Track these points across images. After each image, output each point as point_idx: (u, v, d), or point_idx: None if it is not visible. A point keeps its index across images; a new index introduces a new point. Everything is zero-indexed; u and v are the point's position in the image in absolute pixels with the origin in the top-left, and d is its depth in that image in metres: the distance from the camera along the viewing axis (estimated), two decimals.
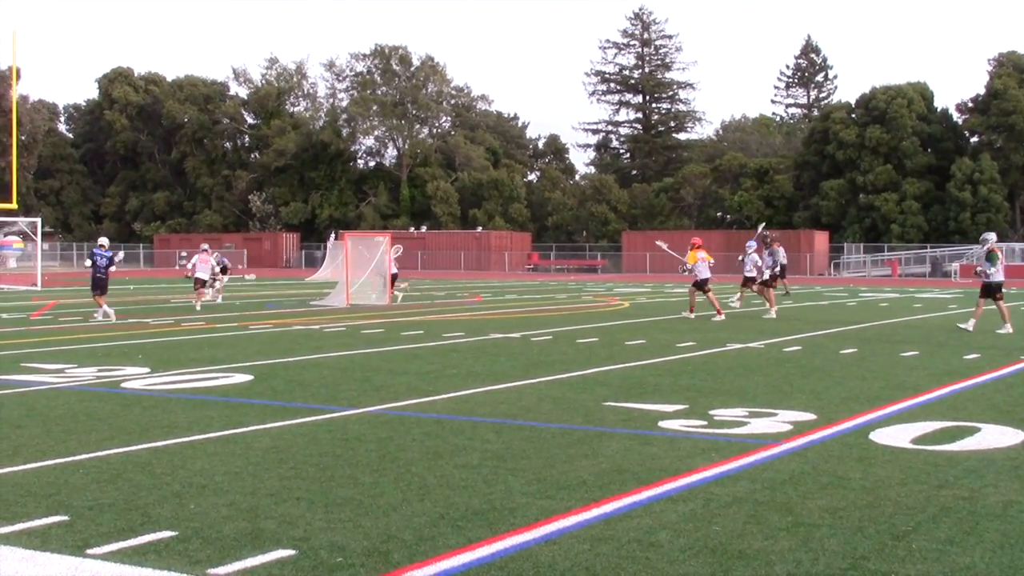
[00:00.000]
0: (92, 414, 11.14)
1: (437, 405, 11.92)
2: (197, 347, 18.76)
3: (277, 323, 24.38)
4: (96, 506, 7.22)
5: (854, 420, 10.91)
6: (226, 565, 5.93)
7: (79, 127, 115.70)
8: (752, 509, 7.23)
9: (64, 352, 17.80)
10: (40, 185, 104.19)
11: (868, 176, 77.33)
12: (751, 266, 29.66)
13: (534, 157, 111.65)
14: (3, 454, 9.00)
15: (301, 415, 11.12)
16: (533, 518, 6.96)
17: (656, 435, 10.01)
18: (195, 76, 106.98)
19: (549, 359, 16.74)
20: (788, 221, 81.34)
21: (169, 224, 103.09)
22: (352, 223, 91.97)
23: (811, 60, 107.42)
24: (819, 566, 6.00)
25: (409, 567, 5.93)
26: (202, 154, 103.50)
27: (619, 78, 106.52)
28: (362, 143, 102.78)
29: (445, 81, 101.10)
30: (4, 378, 14.17)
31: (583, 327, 23.46)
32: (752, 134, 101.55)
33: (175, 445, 9.42)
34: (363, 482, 8.00)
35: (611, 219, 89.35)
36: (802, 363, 16.33)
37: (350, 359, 16.73)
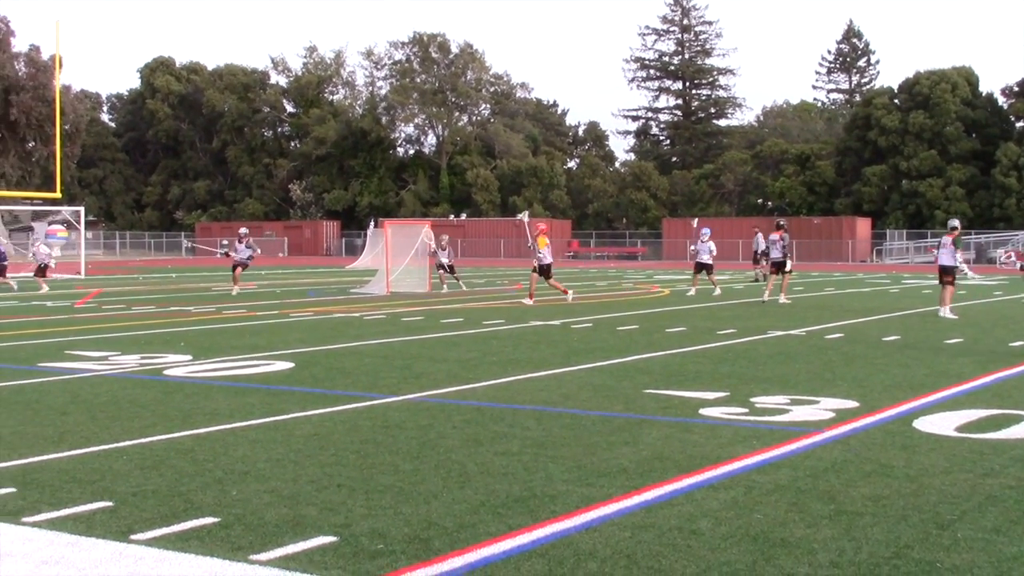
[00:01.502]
0: (135, 401, 11.23)
1: (477, 392, 11.92)
2: (238, 334, 18.87)
3: (318, 311, 24.47)
4: (139, 492, 7.28)
5: (897, 408, 10.81)
6: (268, 551, 5.95)
7: (121, 116, 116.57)
8: (794, 497, 7.19)
9: (108, 340, 17.95)
10: (83, 174, 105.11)
11: (911, 162, 76.63)
12: (706, 254, 31.00)
13: (574, 144, 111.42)
14: (49, 440, 9.08)
15: (342, 402, 11.16)
16: (574, 505, 6.95)
17: (697, 422, 9.97)
18: (235, 65, 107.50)
19: (589, 346, 16.71)
20: (830, 207, 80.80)
21: (210, 212, 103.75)
22: (392, 211, 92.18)
23: (853, 45, 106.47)
24: (862, 555, 5.95)
25: (450, 554, 5.93)
26: (243, 143, 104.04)
27: (659, 64, 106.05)
28: (402, 131, 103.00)
29: (484, 68, 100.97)
30: (49, 365, 14.31)
31: (623, 314, 23.40)
32: (793, 120, 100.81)
33: (217, 432, 9.48)
34: (404, 469, 8.01)
35: (651, 206, 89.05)
36: (844, 350, 16.21)
37: (390, 346, 16.77)
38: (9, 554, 5.93)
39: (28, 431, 9.51)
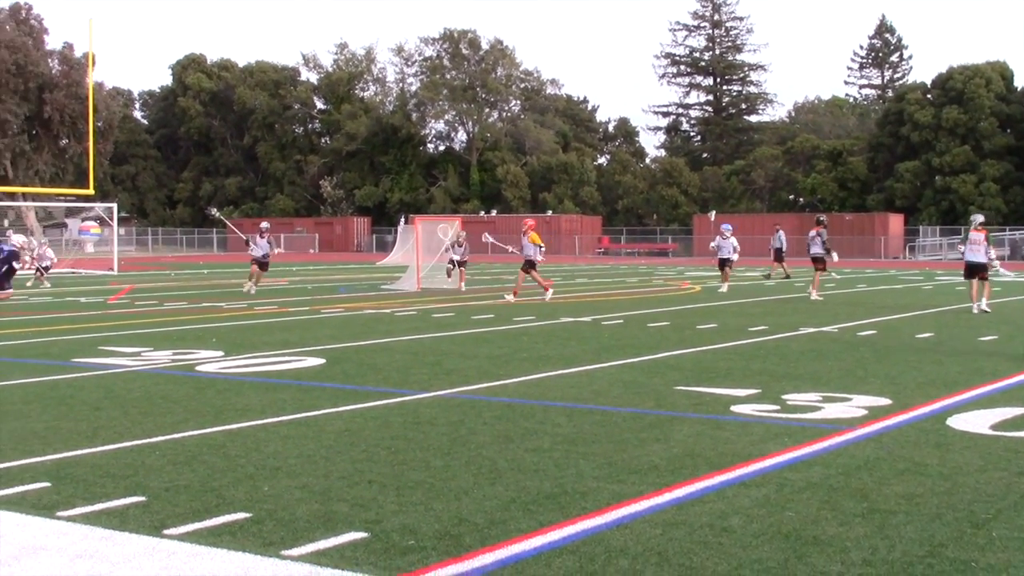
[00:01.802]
0: (168, 396, 11.29)
1: (508, 389, 11.92)
2: (270, 331, 18.95)
3: (348, 307, 24.54)
4: (172, 487, 7.31)
5: (931, 405, 10.74)
6: (299, 547, 5.97)
7: (153, 113, 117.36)
8: (826, 495, 7.15)
9: (140, 336, 18.07)
10: (116, 171, 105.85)
11: (944, 158, 76.11)
12: (729, 250, 30.99)
13: (604, 140, 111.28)
14: (82, 435, 9.15)
15: (373, 398, 11.18)
16: (604, 502, 6.94)
17: (728, 419, 9.93)
18: (266, 62, 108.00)
19: (620, 343, 16.68)
20: (862, 204, 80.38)
21: (242, 209, 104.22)
22: (423, 207, 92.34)
23: (885, 40, 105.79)
24: (895, 553, 5.90)
25: (480, 550, 5.93)
26: (273, 139, 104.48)
27: (689, 60, 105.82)
28: (432, 127, 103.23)
29: (514, 65, 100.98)
30: (83, 361, 14.41)
31: (654, 311, 23.35)
32: (825, 116, 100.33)
33: (249, 428, 9.52)
34: (434, 465, 8.02)
35: (682, 202, 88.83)
36: (877, 347, 16.11)
37: (421, 343, 16.79)
38: (44, 548, 5.97)
39: (62, 426, 9.58)
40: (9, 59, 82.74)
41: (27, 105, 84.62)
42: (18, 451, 8.50)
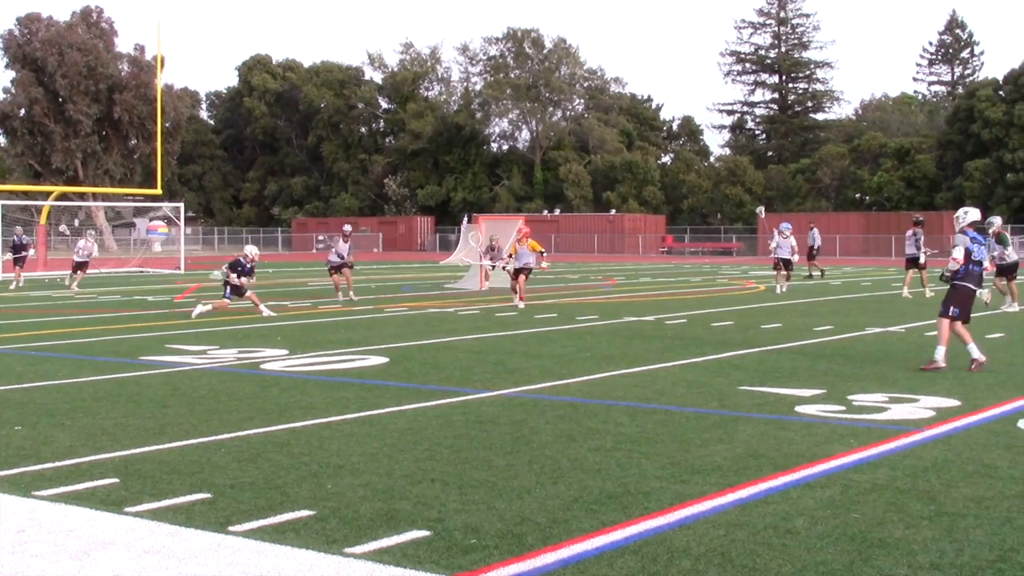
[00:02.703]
0: (233, 394, 11.41)
1: (571, 388, 11.91)
2: (334, 329, 19.08)
3: (412, 306, 24.64)
4: (237, 484, 7.39)
5: (1001, 407, 10.57)
6: (362, 545, 6.00)
7: (220, 114, 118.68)
8: (893, 497, 7.06)
9: (206, 334, 18.27)
10: (183, 171, 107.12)
11: (1017, 154, 74.82)
12: (788, 249, 29.98)
13: (668, 139, 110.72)
14: (149, 432, 9.27)
15: (436, 397, 11.22)
16: (667, 502, 6.91)
17: (792, 420, 9.84)
18: (331, 62, 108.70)
19: (683, 342, 16.60)
20: (930, 202, 79.24)
21: (307, 208, 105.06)
22: (486, 206, 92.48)
23: (956, 36, 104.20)
24: (964, 557, 5.82)
25: (543, 550, 5.92)
26: (338, 139, 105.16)
27: (755, 58, 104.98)
28: (496, 126, 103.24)
29: (578, 64, 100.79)
30: (150, 359, 14.60)
31: (718, 310, 23.20)
32: (893, 113, 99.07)
33: (312, 426, 9.59)
34: (497, 464, 8.03)
35: (746, 201, 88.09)
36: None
37: (484, 342, 16.82)
38: (112, 543, 6.06)
39: (130, 423, 9.72)
40: (81, 61, 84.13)
41: (97, 106, 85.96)
42: (88, 447, 8.64)
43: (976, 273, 13.60)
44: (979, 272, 13.65)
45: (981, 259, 13.63)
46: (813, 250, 38.79)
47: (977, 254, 13.54)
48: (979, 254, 13.56)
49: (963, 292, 13.59)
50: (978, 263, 13.61)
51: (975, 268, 13.57)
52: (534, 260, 25.47)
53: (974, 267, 13.55)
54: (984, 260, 13.73)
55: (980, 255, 13.58)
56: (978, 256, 13.56)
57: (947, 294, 13.69)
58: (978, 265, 13.61)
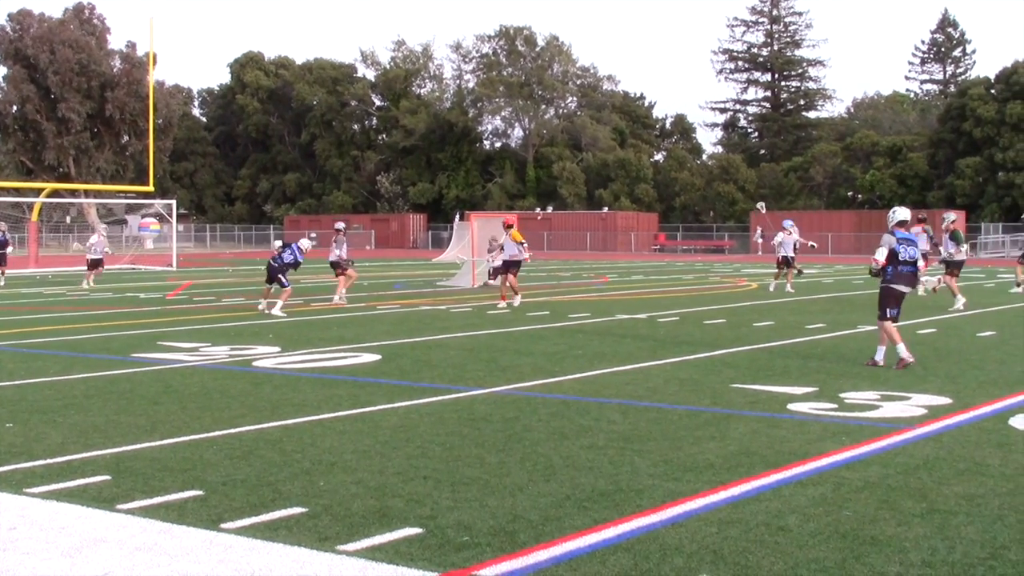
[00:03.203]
0: (225, 392, 11.40)
1: (563, 386, 11.91)
2: (326, 327, 19.06)
3: (404, 303, 24.63)
4: (229, 482, 7.38)
5: (992, 405, 10.59)
6: (354, 542, 6.00)
7: (212, 111, 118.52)
8: (884, 494, 7.07)
9: (198, 331, 18.25)
10: (175, 168, 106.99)
11: (1008, 153, 74.98)
12: (791, 247, 29.51)
13: (660, 137, 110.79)
14: (141, 430, 9.26)
15: (428, 395, 11.22)
16: (660, 500, 6.91)
17: (785, 418, 9.85)
18: (324, 59, 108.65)
19: (676, 340, 16.61)
20: (922, 200, 79.36)
21: (299, 205, 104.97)
22: (479, 203, 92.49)
23: (948, 35, 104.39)
24: (956, 555, 5.83)
25: (535, 547, 5.92)
26: (331, 136, 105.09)
27: (747, 56, 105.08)
28: (488, 124, 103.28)
29: (571, 61, 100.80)
30: (142, 356, 14.58)
31: (710, 308, 23.23)
32: (885, 111, 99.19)
33: (305, 423, 9.58)
34: (489, 462, 8.03)
35: (739, 199, 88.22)
36: (937, 346, 15.91)
37: (476, 339, 16.82)
38: (104, 540, 6.05)
39: (122, 420, 9.70)
40: (72, 58, 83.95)
41: (89, 103, 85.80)
42: (79, 444, 8.63)
43: (906, 273, 13.54)
44: (909, 272, 13.57)
45: (910, 258, 13.52)
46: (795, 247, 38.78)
47: (904, 254, 13.44)
48: (907, 254, 13.45)
49: (893, 294, 13.60)
50: (908, 263, 13.52)
51: (903, 268, 13.51)
52: (519, 251, 24.19)
53: (903, 268, 13.50)
54: (916, 259, 13.59)
55: (908, 255, 13.47)
56: (906, 256, 13.44)
57: (879, 297, 13.72)
58: (908, 265, 13.53)
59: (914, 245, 13.58)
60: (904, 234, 13.54)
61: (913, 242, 13.59)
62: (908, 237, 13.55)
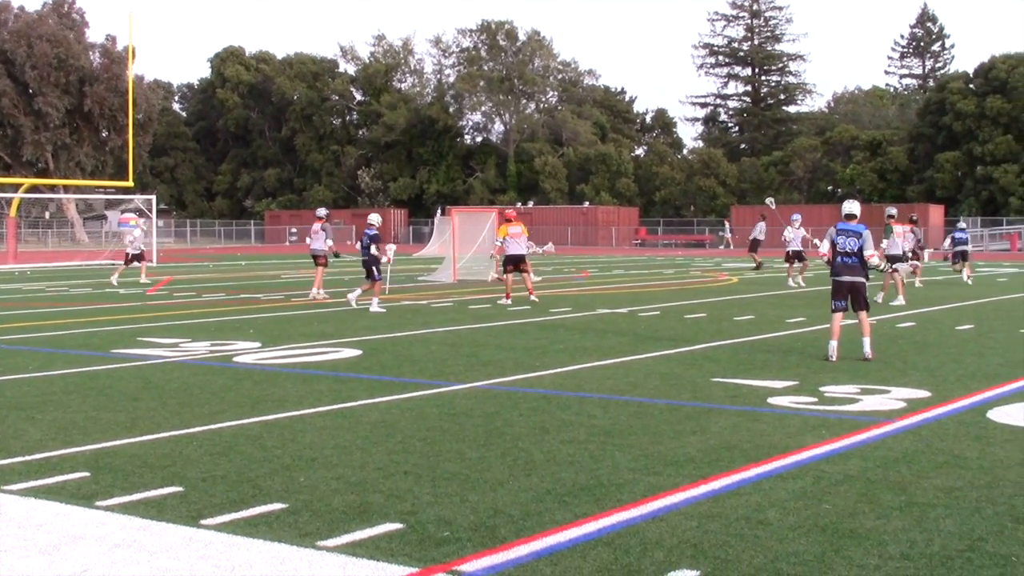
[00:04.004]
0: (205, 387, 11.36)
1: (544, 380, 11.91)
2: (306, 322, 19.02)
3: (385, 299, 24.59)
4: (209, 478, 7.36)
5: (971, 398, 10.64)
6: (335, 538, 5.99)
7: (192, 106, 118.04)
8: (864, 487, 7.10)
9: (178, 327, 18.19)
10: (155, 163, 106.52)
11: (987, 147, 75.33)
12: (799, 241, 29.10)
13: (641, 131, 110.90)
14: (120, 426, 9.22)
15: (409, 390, 11.21)
16: (640, 494, 6.92)
17: (765, 412, 9.88)
18: (304, 54, 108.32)
19: (656, 335, 16.63)
20: (901, 194, 79.72)
21: (280, 200, 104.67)
22: (460, 198, 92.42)
23: (927, 29, 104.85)
24: (934, 547, 5.85)
25: (516, 542, 5.93)
26: (311, 131, 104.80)
27: (728, 51, 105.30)
28: (469, 119, 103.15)
29: (551, 56, 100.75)
30: (121, 351, 14.53)
31: (691, 302, 23.27)
32: (864, 106, 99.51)
33: (285, 419, 9.56)
34: (470, 457, 8.03)
35: (719, 193, 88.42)
36: (916, 339, 15.99)
37: (457, 334, 16.81)
38: (83, 537, 6.03)
39: (101, 416, 9.66)
40: (51, 53, 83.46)
41: (68, 98, 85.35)
42: (58, 441, 8.59)
43: (844, 264, 13.71)
44: (847, 263, 13.69)
45: (848, 249, 13.61)
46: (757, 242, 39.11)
47: (842, 246, 13.62)
48: (844, 246, 13.60)
49: (834, 285, 13.91)
50: (845, 254, 13.65)
51: (840, 259, 13.72)
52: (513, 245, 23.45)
53: (840, 258, 13.71)
54: (854, 250, 13.63)
55: (845, 246, 13.60)
56: (844, 247, 13.62)
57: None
58: (846, 256, 13.68)
59: (853, 236, 13.65)
60: (845, 225, 13.72)
61: (853, 233, 13.66)
62: (848, 228, 13.69)
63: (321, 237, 25.25)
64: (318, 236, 25.31)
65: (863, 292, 13.82)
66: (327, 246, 25.21)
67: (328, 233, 25.36)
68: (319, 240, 25.26)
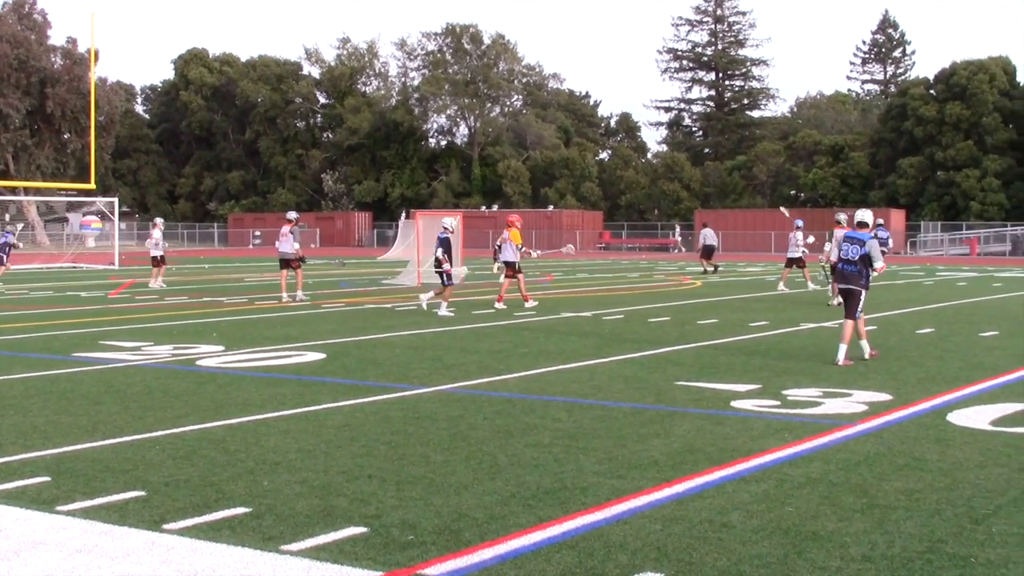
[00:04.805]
0: (168, 391, 11.30)
1: (508, 384, 11.92)
2: (270, 325, 18.95)
3: (349, 301, 24.53)
4: (172, 482, 7.32)
5: (931, 401, 10.74)
6: (299, 542, 5.97)
7: (155, 108, 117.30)
8: (826, 490, 7.15)
9: (141, 330, 18.07)
10: (117, 165, 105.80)
11: (948, 152, 75.99)
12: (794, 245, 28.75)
13: (606, 135, 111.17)
14: (82, 430, 9.15)
15: (373, 393, 11.19)
16: (604, 497, 6.94)
17: (728, 415, 9.93)
18: (268, 56, 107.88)
19: (620, 338, 16.68)
20: (863, 199, 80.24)
21: (243, 203, 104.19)
22: (424, 202, 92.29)
23: (888, 35, 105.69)
24: (895, 549, 5.91)
25: (480, 545, 5.93)
26: (275, 134, 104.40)
27: (692, 55, 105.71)
28: (434, 122, 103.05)
29: (516, 59, 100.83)
30: (83, 355, 14.42)
31: (655, 306, 23.34)
32: (827, 111, 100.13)
33: (249, 422, 9.52)
34: (434, 460, 8.02)
35: (683, 197, 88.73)
36: (877, 343, 16.09)
37: (421, 338, 16.80)
38: (43, 542, 5.98)
39: (62, 420, 9.59)
40: (11, 54, 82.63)
41: (29, 100, 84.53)
42: (18, 445, 8.51)
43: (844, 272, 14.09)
44: (844, 270, 14.06)
45: (849, 256, 13.94)
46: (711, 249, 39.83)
47: (845, 252, 14.00)
48: (848, 252, 13.94)
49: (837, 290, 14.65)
50: (849, 261, 13.96)
51: (843, 266, 14.12)
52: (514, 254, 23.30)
53: (844, 265, 14.11)
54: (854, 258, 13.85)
55: (849, 253, 13.93)
56: (846, 254, 13.98)
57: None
58: (848, 264, 14.00)
59: (856, 244, 13.83)
60: (854, 233, 14.02)
61: (858, 240, 13.86)
62: (855, 236, 13.95)
63: (289, 240, 25.24)
64: (287, 239, 25.30)
65: (856, 300, 13.98)
66: (294, 249, 25.10)
67: (295, 236, 25.26)
68: (287, 243, 25.25)
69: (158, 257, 31.93)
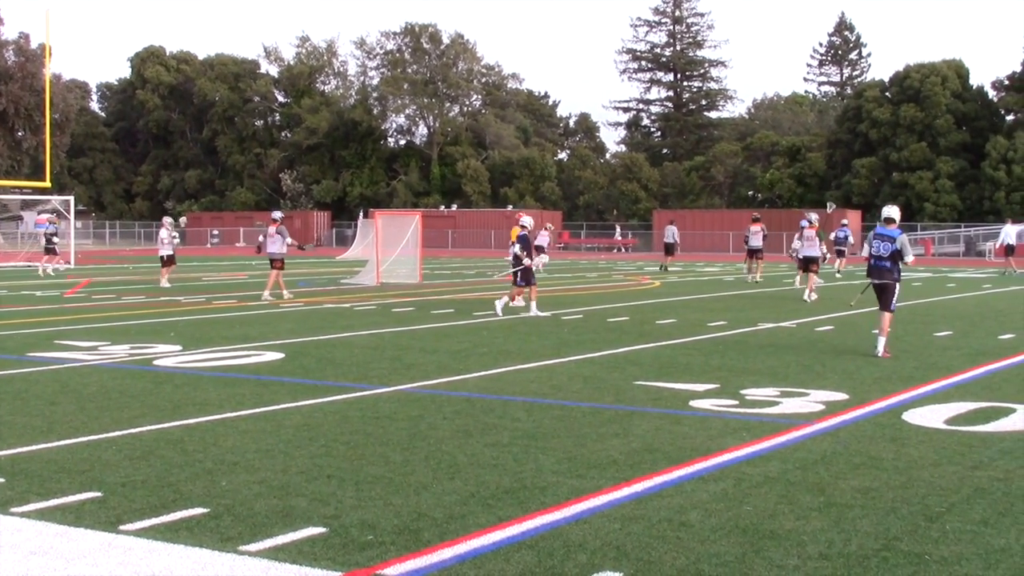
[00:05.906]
0: (125, 391, 11.21)
1: (468, 384, 11.92)
2: (229, 325, 18.84)
3: (308, 301, 24.43)
4: (129, 483, 7.26)
5: (887, 400, 10.84)
6: (257, 542, 5.95)
7: (111, 106, 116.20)
8: (784, 489, 7.20)
9: (97, 329, 17.91)
10: (73, 164, 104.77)
11: (902, 153, 76.70)
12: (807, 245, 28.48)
13: (565, 136, 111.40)
14: (37, 430, 9.06)
15: (332, 393, 11.15)
16: (563, 497, 6.96)
17: (687, 414, 9.98)
18: (226, 55, 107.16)
19: (580, 338, 16.71)
20: (820, 200, 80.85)
21: (201, 202, 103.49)
22: (383, 201, 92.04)
23: (844, 38, 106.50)
24: (851, 547, 5.96)
25: (439, 545, 5.93)
26: (233, 132, 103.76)
27: (650, 56, 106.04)
28: (393, 121, 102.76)
29: (475, 59, 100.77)
30: (38, 355, 14.27)
31: (613, 306, 23.41)
32: (784, 112, 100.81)
33: (207, 422, 9.46)
34: (393, 460, 8.01)
35: (642, 197, 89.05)
36: (834, 343, 16.24)
37: (381, 337, 16.76)
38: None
39: (17, 421, 9.49)
40: None
41: None
42: None
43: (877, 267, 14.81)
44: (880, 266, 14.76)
45: (878, 252, 14.66)
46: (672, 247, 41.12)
47: (876, 249, 14.73)
48: (879, 249, 14.64)
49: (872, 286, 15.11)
50: (880, 257, 14.69)
51: (875, 262, 14.80)
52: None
53: (876, 261, 14.80)
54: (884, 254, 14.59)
55: (880, 250, 14.63)
56: (877, 251, 14.68)
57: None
58: (880, 260, 14.72)
59: (888, 240, 14.58)
60: (883, 230, 14.71)
61: (888, 237, 14.59)
62: (885, 233, 14.65)
63: (278, 240, 25.32)
64: (274, 239, 25.38)
65: (890, 294, 14.66)
66: (285, 246, 25.36)
67: (284, 235, 25.44)
68: (276, 243, 25.33)
69: (165, 256, 31.45)
